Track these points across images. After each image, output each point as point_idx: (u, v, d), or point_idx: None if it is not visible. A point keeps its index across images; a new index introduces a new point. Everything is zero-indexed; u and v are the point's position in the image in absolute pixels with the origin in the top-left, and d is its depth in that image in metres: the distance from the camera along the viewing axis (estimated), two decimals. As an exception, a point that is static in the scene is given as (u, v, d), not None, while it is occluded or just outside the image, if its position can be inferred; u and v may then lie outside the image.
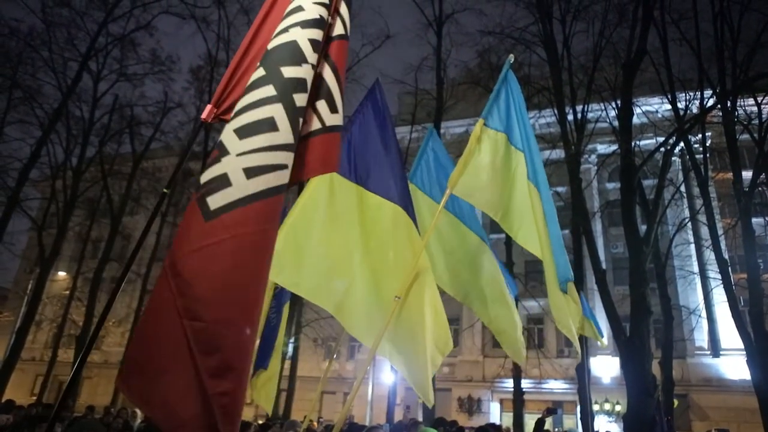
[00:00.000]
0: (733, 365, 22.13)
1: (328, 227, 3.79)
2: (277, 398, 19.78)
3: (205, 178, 1.93)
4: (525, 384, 19.97)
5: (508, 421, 21.73)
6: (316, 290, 4.10)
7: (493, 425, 10.80)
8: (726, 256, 16.99)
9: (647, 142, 18.85)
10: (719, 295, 18.36)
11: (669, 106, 17.38)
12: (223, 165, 1.92)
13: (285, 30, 2.24)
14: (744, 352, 14.79)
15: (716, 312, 23.18)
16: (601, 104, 17.18)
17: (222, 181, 1.88)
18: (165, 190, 2.61)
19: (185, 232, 1.87)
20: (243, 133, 1.98)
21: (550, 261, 3.67)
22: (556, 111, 16.17)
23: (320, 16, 2.32)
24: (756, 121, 17.08)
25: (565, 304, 3.73)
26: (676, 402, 17.55)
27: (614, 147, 18.32)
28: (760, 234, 18.11)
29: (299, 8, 2.33)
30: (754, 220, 16.11)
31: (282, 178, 1.97)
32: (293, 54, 2.17)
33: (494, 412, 26.15)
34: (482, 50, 18.69)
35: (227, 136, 1.98)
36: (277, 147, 1.98)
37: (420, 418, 11.41)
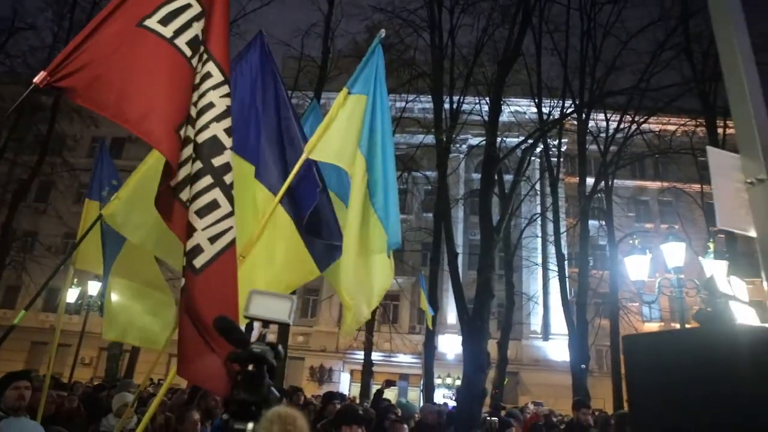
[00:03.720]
0: (559, 348, 24.81)
1: None
2: (119, 360, 18.68)
3: (187, 247, 2.80)
4: (375, 356, 20.75)
5: (356, 390, 22.50)
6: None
7: (338, 394, 10.97)
8: (564, 251, 18.96)
9: (513, 140, 20.20)
10: (555, 286, 20.41)
11: (535, 109, 18.76)
12: (194, 238, 2.80)
13: (206, 126, 2.96)
14: (567, 337, 16.73)
15: (551, 300, 25.82)
16: (476, 97, 18.02)
17: (197, 249, 2.79)
18: None
19: (189, 285, 2.78)
20: (201, 214, 2.82)
21: (376, 222, 3.81)
22: (433, 97, 16.65)
23: (227, 107, 3.07)
24: (603, 135, 19.17)
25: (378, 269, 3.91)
26: (507, 379, 19.33)
27: (483, 139, 19.39)
28: (594, 235, 20.46)
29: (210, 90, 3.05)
30: (591, 222, 18.11)
31: (231, 235, 2.91)
32: (216, 145, 2.95)
33: (344, 382, 26.95)
34: (371, 26, 18.58)
35: (192, 216, 2.81)
36: (224, 217, 2.88)
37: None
